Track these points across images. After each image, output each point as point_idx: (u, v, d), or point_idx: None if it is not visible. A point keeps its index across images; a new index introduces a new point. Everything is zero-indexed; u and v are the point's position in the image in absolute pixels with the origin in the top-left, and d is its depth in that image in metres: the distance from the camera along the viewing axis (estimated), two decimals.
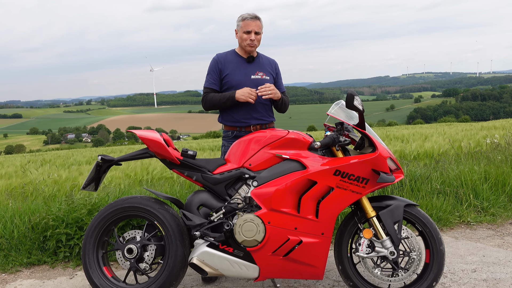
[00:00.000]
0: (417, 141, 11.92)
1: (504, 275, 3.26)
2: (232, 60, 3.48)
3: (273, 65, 3.62)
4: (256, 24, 3.40)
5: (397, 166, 2.88)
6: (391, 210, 2.79)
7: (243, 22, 3.41)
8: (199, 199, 2.92)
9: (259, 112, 3.45)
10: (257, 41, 3.43)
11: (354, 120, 2.85)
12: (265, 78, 3.49)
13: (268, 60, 3.62)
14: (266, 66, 3.56)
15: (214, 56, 3.54)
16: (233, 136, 3.45)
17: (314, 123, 69.39)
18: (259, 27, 3.42)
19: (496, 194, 4.93)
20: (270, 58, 3.66)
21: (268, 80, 3.49)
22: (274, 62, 3.65)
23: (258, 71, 3.49)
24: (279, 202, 2.73)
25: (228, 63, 3.46)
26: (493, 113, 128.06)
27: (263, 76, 3.49)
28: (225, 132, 3.53)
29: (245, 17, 3.42)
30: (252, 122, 3.44)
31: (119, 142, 73.75)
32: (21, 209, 4.23)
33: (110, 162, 3.00)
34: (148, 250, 2.90)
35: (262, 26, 3.47)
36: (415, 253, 2.80)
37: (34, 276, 3.65)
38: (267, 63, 3.59)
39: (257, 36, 3.42)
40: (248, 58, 3.49)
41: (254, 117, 3.44)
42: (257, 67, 3.50)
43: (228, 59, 3.48)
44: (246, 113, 3.42)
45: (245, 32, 3.39)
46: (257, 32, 3.41)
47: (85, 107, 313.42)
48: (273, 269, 2.80)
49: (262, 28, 3.47)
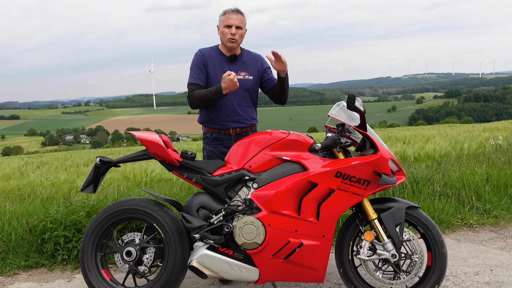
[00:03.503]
0: (418, 142, 11.91)
1: (507, 278, 3.23)
2: (215, 57, 3.29)
3: (259, 62, 3.40)
4: (238, 18, 3.22)
5: (398, 168, 2.86)
6: (393, 212, 2.77)
7: (224, 16, 3.23)
8: (199, 201, 2.90)
9: (240, 114, 3.29)
10: (239, 36, 3.22)
11: (355, 121, 2.82)
12: (248, 78, 3.31)
13: (252, 58, 3.40)
14: (250, 65, 3.35)
15: (197, 51, 3.35)
16: (212, 138, 3.32)
17: (315, 124, 69.45)
18: (241, 22, 3.23)
19: (498, 196, 4.90)
20: (256, 54, 3.45)
21: (251, 80, 3.33)
22: (260, 57, 3.43)
23: (240, 71, 3.29)
24: (280, 204, 2.70)
25: (211, 60, 3.28)
26: (495, 114, 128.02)
27: (245, 76, 3.30)
28: (205, 134, 3.39)
29: (226, 11, 3.24)
30: (232, 125, 3.28)
31: (117, 144, 73.83)
32: (19, 211, 4.20)
33: (109, 163, 2.97)
34: (147, 253, 2.88)
35: (245, 22, 3.28)
36: (417, 256, 2.78)
37: (32, 279, 3.62)
38: (252, 61, 3.38)
39: (239, 31, 3.21)
40: (230, 57, 3.29)
41: (234, 120, 3.28)
42: (239, 66, 3.31)
43: (211, 55, 3.29)
44: (226, 116, 3.26)
45: (226, 26, 3.20)
46: (238, 26, 3.21)
47: (84, 108, 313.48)
48: (274, 272, 2.78)
49: (246, 25, 3.29)
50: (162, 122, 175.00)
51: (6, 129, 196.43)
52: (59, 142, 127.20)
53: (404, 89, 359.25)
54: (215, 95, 3.10)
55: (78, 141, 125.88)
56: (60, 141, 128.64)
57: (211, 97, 3.12)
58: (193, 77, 3.26)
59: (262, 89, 3.48)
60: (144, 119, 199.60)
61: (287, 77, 3.28)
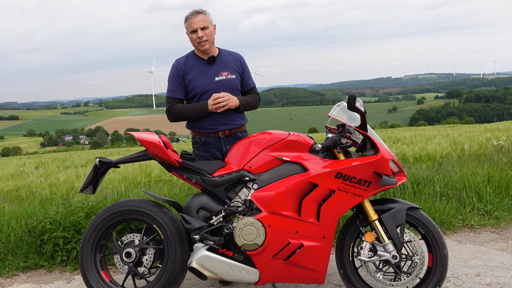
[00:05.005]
0: (419, 143, 11.90)
1: (508, 279, 3.22)
2: (193, 64, 3.22)
3: (238, 60, 3.33)
4: (200, 19, 3.12)
5: (399, 169, 2.85)
6: (394, 213, 2.76)
7: (187, 23, 3.16)
8: (199, 202, 2.89)
9: (227, 116, 3.22)
10: (207, 36, 3.13)
11: (356, 122, 2.81)
12: (231, 77, 3.23)
13: (232, 56, 3.33)
14: (230, 63, 3.28)
15: (173, 62, 3.28)
16: (202, 142, 3.25)
17: (315, 125, 69.45)
18: (204, 21, 3.13)
19: (499, 197, 4.88)
20: (234, 53, 3.37)
21: (234, 79, 3.27)
22: (239, 56, 3.36)
23: (221, 71, 3.22)
24: (280, 205, 2.69)
25: (189, 68, 3.20)
26: (497, 115, 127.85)
27: (228, 75, 3.22)
28: (194, 138, 3.31)
29: (187, 17, 3.16)
30: (220, 128, 3.20)
31: (117, 144, 73.88)
32: (18, 212, 4.19)
33: (108, 164, 2.96)
34: (147, 254, 2.87)
35: (210, 19, 3.18)
36: (418, 257, 2.77)
37: (31, 280, 3.61)
38: (231, 59, 3.30)
39: (206, 31, 3.12)
40: (209, 59, 3.21)
41: (222, 122, 3.19)
42: (220, 66, 3.23)
43: (188, 64, 3.22)
44: (214, 120, 3.20)
45: (192, 32, 3.14)
46: (203, 27, 3.12)
47: (83, 109, 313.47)
48: (274, 273, 2.76)
49: (211, 21, 3.19)
50: (161, 123, 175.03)
51: (5, 129, 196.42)
52: (58, 142, 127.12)
53: (405, 89, 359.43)
54: (200, 113, 3.14)
55: (78, 142, 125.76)
56: (59, 141, 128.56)
57: (195, 114, 3.15)
58: (171, 90, 3.23)
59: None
60: (143, 120, 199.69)
61: (241, 105, 3.23)
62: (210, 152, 3.25)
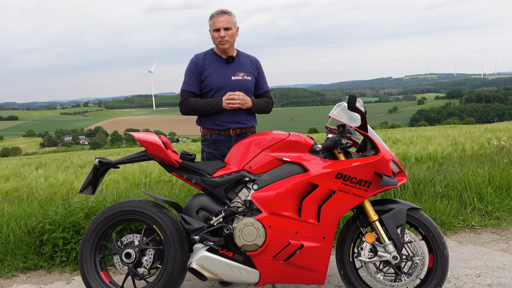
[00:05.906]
0: (420, 143, 11.88)
1: (509, 280, 3.21)
2: (211, 61, 3.31)
3: (255, 64, 3.44)
4: (225, 19, 3.22)
5: (400, 169, 2.84)
6: (394, 214, 2.75)
7: (211, 21, 3.25)
8: (199, 202, 2.88)
9: (238, 116, 3.27)
10: (228, 37, 3.22)
11: (356, 122, 2.81)
12: (247, 78, 3.33)
13: (249, 59, 3.43)
14: (247, 66, 3.38)
15: (192, 57, 3.37)
16: (212, 140, 3.30)
17: (316, 125, 69.42)
18: (228, 22, 3.22)
19: (500, 197, 4.88)
20: (252, 56, 3.48)
21: (250, 81, 3.35)
22: (256, 60, 3.47)
23: (238, 71, 3.31)
24: (280, 205, 2.68)
25: (207, 65, 3.29)
26: (497, 115, 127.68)
27: (244, 76, 3.31)
28: (204, 136, 3.37)
29: (212, 14, 3.26)
30: (232, 126, 3.26)
31: (116, 145, 73.85)
32: (17, 213, 4.18)
33: (108, 165, 2.95)
34: (147, 255, 2.86)
35: (234, 21, 3.28)
36: (418, 258, 2.76)
37: (30, 281, 3.60)
38: (248, 62, 3.41)
39: (228, 32, 3.22)
40: (227, 58, 3.31)
41: (234, 121, 3.26)
42: (237, 67, 3.33)
43: (207, 60, 3.31)
44: (226, 117, 3.25)
45: (214, 30, 3.23)
46: (227, 27, 3.21)
47: (82, 109, 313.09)
48: (274, 274, 2.75)
49: (235, 23, 3.29)
50: (161, 123, 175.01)
51: (5, 130, 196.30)
52: (58, 143, 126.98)
53: (405, 89, 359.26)
54: (213, 109, 3.22)
55: (77, 142, 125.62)
56: (58, 142, 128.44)
57: (208, 109, 3.23)
58: (187, 83, 3.31)
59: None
60: (143, 120, 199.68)
61: (254, 107, 3.32)
62: (220, 150, 3.29)
